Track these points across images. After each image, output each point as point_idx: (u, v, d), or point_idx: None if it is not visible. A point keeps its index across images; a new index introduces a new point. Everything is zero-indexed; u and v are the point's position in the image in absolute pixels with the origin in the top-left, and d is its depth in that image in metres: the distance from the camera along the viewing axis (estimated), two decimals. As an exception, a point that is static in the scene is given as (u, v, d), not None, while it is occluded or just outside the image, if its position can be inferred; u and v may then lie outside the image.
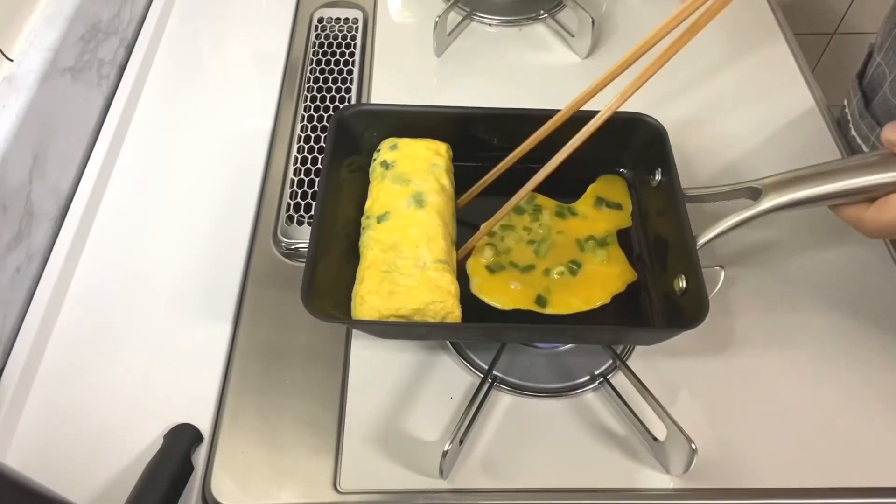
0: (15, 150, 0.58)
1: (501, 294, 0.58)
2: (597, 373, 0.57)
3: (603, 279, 0.59)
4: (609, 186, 0.64)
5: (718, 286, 0.57)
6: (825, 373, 0.58)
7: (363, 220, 0.59)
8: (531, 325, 0.57)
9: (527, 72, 0.79)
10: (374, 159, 0.63)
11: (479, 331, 0.57)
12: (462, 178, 0.62)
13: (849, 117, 0.73)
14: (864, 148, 0.70)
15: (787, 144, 0.73)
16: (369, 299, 0.53)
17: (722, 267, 0.56)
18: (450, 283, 0.53)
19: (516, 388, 0.56)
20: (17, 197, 0.59)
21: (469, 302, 0.56)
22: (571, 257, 0.59)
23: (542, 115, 0.58)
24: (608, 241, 0.61)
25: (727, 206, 0.55)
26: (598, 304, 0.57)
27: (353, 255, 0.58)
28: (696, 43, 0.81)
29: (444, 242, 0.56)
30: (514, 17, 0.84)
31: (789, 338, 0.59)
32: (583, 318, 0.57)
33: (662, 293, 0.57)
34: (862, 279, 0.63)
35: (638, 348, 0.58)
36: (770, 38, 0.82)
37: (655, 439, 0.52)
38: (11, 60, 0.63)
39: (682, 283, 0.54)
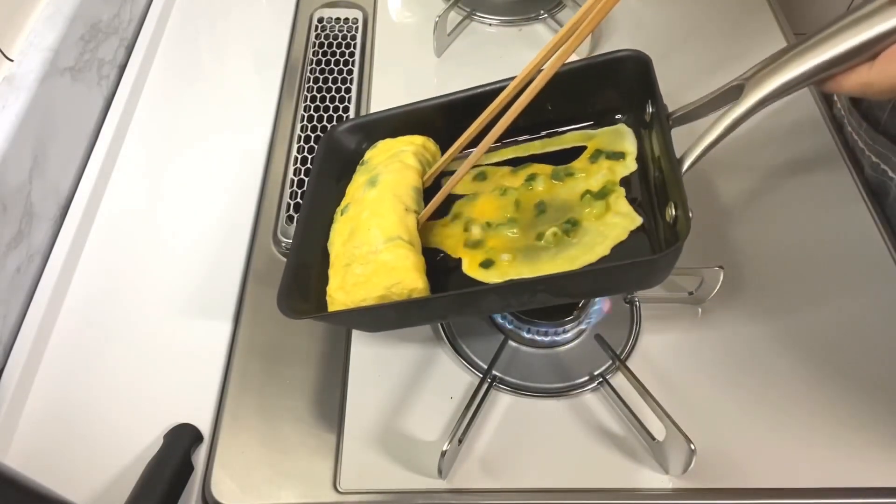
0: (15, 150, 0.58)
1: (492, 268, 0.54)
2: (596, 373, 0.57)
3: (603, 231, 0.54)
4: (609, 137, 0.60)
5: (718, 286, 0.57)
6: (825, 373, 0.58)
7: (334, 216, 0.58)
8: (502, 284, 0.53)
9: (527, 72, 0.79)
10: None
11: (448, 301, 0.53)
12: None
13: (843, 112, 0.73)
14: (860, 143, 0.70)
15: (786, 144, 0.73)
16: (336, 296, 0.52)
17: (721, 267, 0.56)
18: (405, 258, 0.51)
19: (516, 388, 0.56)
20: (17, 197, 0.59)
21: (465, 284, 0.54)
22: (567, 217, 0.55)
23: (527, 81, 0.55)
24: (608, 191, 0.55)
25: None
26: (598, 257, 0.52)
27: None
28: (696, 43, 0.81)
29: (395, 216, 0.53)
30: (514, 17, 0.84)
31: (790, 338, 0.59)
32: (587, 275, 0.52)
33: (663, 232, 0.52)
34: (863, 280, 0.63)
35: (638, 348, 0.58)
36: (770, 38, 0.82)
37: (654, 439, 0.52)
38: (11, 60, 0.63)
39: (673, 212, 0.49)
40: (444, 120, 0.62)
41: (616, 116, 0.61)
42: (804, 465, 0.53)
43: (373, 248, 0.52)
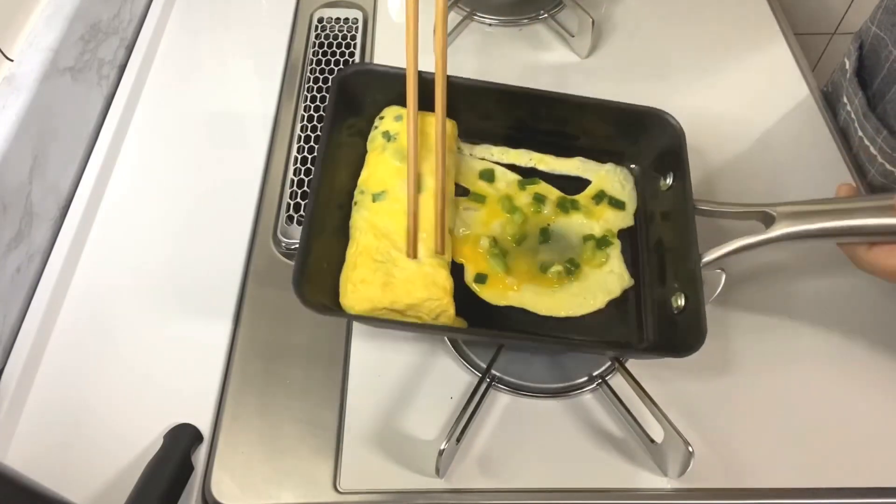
0: (15, 150, 0.58)
1: (496, 289, 0.57)
2: (595, 374, 0.57)
3: (599, 282, 0.58)
4: (614, 180, 0.63)
5: (719, 290, 0.57)
6: (822, 374, 0.58)
7: (357, 193, 0.57)
8: (528, 335, 0.56)
9: (527, 72, 0.79)
10: (376, 126, 0.60)
11: (470, 335, 0.56)
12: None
13: (853, 116, 0.72)
14: (872, 149, 0.69)
15: (787, 146, 0.73)
16: (363, 288, 0.52)
17: (722, 270, 0.56)
18: (445, 280, 0.53)
19: (514, 388, 0.56)
20: (17, 197, 0.59)
21: (461, 291, 0.55)
22: (570, 255, 0.58)
23: (554, 98, 0.59)
24: (608, 242, 0.59)
25: (734, 224, 0.55)
26: (594, 309, 0.57)
27: (344, 232, 0.56)
28: (696, 43, 0.81)
29: (440, 233, 0.54)
30: (514, 17, 0.84)
31: (788, 341, 0.59)
32: (576, 320, 0.56)
33: (658, 304, 0.56)
34: (862, 281, 0.62)
35: (637, 349, 0.58)
36: (770, 38, 0.82)
37: (653, 441, 0.52)
38: (11, 60, 0.63)
39: (681, 302, 0.53)
40: (464, 103, 0.61)
41: (630, 165, 0.64)
42: (801, 465, 0.53)
43: (420, 257, 0.53)
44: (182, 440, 0.53)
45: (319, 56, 0.79)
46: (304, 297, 0.49)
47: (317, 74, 0.77)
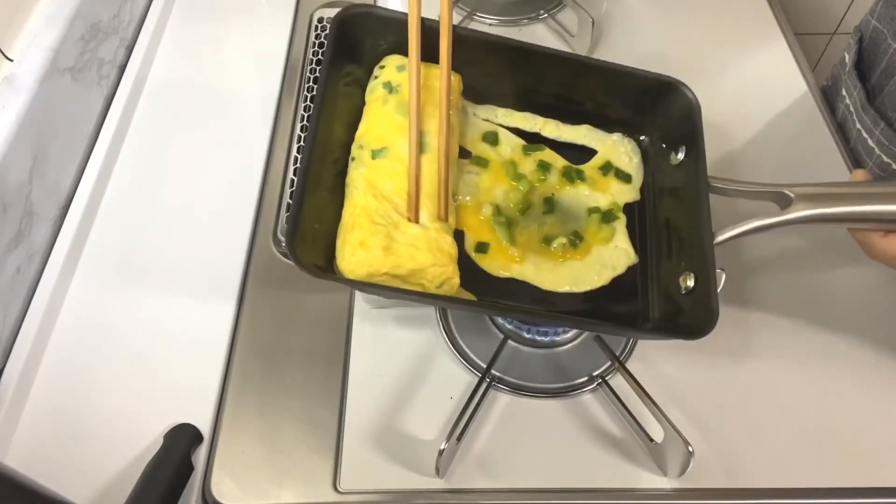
0: (15, 150, 0.58)
1: (497, 260, 0.54)
2: (595, 374, 0.57)
3: (604, 258, 0.55)
4: (621, 151, 0.60)
5: (718, 289, 0.57)
6: (823, 373, 0.58)
7: (354, 148, 0.54)
8: (533, 310, 0.54)
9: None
10: (376, 76, 0.57)
11: (482, 308, 0.54)
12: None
13: (851, 109, 0.72)
14: (870, 142, 0.69)
15: (785, 144, 0.73)
16: (362, 252, 0.48)
17: (723, 269, 0.56)
18: (451, 247, 0.51)
19: (514, 388, 0.56)
20: (17, 197, 0.59)
21: (469, 266, 0.54)
22: (574, 228, 0.56)
23: (565, 58, 0.57)
24: (613, 216, 0.57)
25: (746, 205, 0.53)
26: (597, 286, 0.54)
27: (338, 189, 0.53)
28: (696, 43, 0.81)
29: (444, 198, 0.51)
30: (514, 17, 0.84)
31: (791, 339, 0.59)
32: (578, 297, 0.54)
33: (664, 285, 0.54)
34: (863, 278, 0.63)
35: (637, 350, 0.58)
36: (770, 38, 0.82)
37: (652, 441, 0.52)
38: (11, 60, 0.63)
39: (690, 283, 0.51)
40: (472, 57, 0.57)
41: (640, 137, 0.61)
42: (802, 465, 0.53)
43: (422, 222, 0.51)
44: (182, 440, 0.53)
45: (319, 56, 0.79)
46: (299, 259, 0.46)
47: (317, 74, 0.77)
